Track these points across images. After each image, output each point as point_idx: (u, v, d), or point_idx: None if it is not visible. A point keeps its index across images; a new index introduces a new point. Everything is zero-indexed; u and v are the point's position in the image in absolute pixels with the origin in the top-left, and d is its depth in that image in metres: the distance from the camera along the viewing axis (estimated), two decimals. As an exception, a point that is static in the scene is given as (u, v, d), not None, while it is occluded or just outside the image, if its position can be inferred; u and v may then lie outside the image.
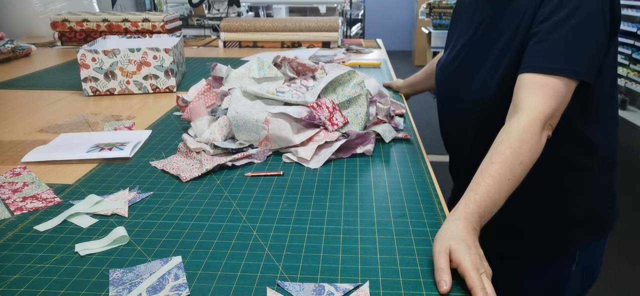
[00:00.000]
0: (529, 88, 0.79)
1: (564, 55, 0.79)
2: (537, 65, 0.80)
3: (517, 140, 0.73)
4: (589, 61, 0.80)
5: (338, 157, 0.97)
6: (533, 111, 0.76)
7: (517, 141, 0.73)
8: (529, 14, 0.85)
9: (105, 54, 1.40)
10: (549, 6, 0.82)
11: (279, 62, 1.22)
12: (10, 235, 0.70)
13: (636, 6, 4.32)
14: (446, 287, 0.55)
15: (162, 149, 1.02)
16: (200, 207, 0.78)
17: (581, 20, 0.79)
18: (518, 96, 0.80)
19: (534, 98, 0.77)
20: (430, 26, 5.49)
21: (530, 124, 0.75)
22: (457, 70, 1.00)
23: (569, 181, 0.94)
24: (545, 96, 0.77)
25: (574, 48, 0.79)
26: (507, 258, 1.04)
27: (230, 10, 2.79)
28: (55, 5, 2.70)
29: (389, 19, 8.30)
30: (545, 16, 0.82)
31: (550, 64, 0.79)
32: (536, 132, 0.75)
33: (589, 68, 0.80)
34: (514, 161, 0.72)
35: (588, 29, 0.79)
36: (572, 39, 0.79)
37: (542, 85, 0.78)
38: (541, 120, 0.76)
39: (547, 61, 0.79)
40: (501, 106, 0.84)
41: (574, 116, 0.86)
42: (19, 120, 1.23)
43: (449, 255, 0.59)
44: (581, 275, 1.00)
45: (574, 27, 0.79)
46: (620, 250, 2.41)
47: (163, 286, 0.58)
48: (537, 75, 0.79)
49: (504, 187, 0.70)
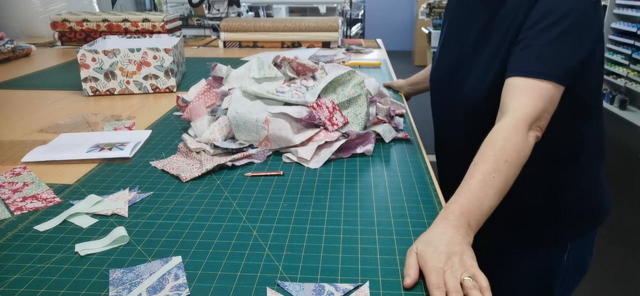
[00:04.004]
0: (514, 91, 0.80)
1: (550, 61, 0.80)
2: (523, 69, 0.81)
3: (500, 140, 0.74)
4: (570, 67, 0.81)
5: (338, 157, 0.97)
6: (517, 112, 0.77)
7: (501, 140, 0.74)
8: (519, 20, 0.86)
9: (105, 54, 1.40)
10: (537, 13, 0.83)
11: (279, 62, 1.22)
12: (10, 235, 0.70)
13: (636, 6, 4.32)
14: (410, 281, 0.58)
15: (162, 149, 1.02)
16: (200, 207, 0.78)
17: (567, 27, 0.80)
18: (504, 99, 0.81)
19: (519, 100, 0.79)
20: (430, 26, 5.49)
21: (514, 124, 0.76)
22: (450, 73, 1.01)
23: (559, 176, 0.96)
24: (530, 98, 0.78)
25: (560, 54, 0.80)
26: (499, 249, 1.06)
27: (230, 10, 2.79)
28: (55, 5, 2.70)
29: (389, 19, 8.30)
30: (533, 22, 0.83)
31: (536, 68, 0.80)
32: (521, 132, 0.75)
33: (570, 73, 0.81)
34: (498, 160, 0.72)
35: (574, 36, 0.81)
36: (557, 46, 0.80)
37: (527, 88, 0.79)
38: (526, 121, 0.76)
39: (534, 65, 0.80)
40: (491, 110, 0.85)
41: (563, 115, 0.87)
42: (19, 120, 1.23)
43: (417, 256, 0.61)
44: (572, 266, 1.02)
45: (559, 34, 0.81)
46: (620, 250, 2.41)
47: (163, 286, 0.58)
48: (523, 79, 0.80)
49: (489, 185, 0.70)
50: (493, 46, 0.91)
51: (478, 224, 0.68)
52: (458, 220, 0.65)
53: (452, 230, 0.63)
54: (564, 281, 1.03)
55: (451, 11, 1.06)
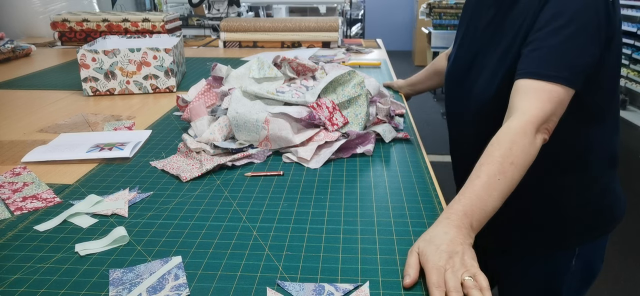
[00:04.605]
0: (523, 92, 0.80)
1: (558, 63, 0.79)
2: (532, 71, 0.80)
3: (507, 142, 0.74)
4: (580, 70, 0.80)
5: (338, 157, 0.97)
6: (525, 114, 0.77)
7: (508, 142, 0.74)
8: (528, 21, 0.86)
9: (105, 54, 1.40)
10: (546, 15, 0.83)
11: (279, 62, 1.22)
12: (10, 235, 0.70)
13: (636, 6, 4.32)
14: (409, 281, 0.58)
15: (162, 149, 1.02)
16: (200, 207, 0.78)
17: (576, 30, 0.80)
18: (513, 101, 0.81)
19: (527, 102, 0.78)
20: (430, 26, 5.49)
21: (522, 126, 0.75)
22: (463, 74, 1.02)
23: (564, 180, 0.95)
24: (538, 100, 0.78)
25: (568, 56, 0.80)
26: (504, 251, 1.06)
27: (230, 10, 2.79)
28: (55, 5, 2.70)
29: (389, 19, 8.30)
30: (542, 24, 0.83)
31: (545, 71, 0.79)
32: (528, 134, 0.75)
33: (580, 77, 0.81)
34: (504, 162, 0.72)
35: (582, 38, 0.80)
36: (566, 48, 0.80)
37: (536, 90, 0.79)
38: (533, 122, 0.76)
39: (542, 67, 0.80)
40: (500, 111, 0.84)
41: (571, 120, 0.87)
42: (19, 120, 1.23)
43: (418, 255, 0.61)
44: (581, 271, 1.01)
45: (568, 36, 0.80)
46: (620, 250, 2.41)
47: (163, 286, 0.58)
48: (532, 81, 0.80)
49: (493, 186, 0.69)
50: (503, 47, 0.90)
51: (480, 225, 0.68)
52: (461, 220, 0.65)
53: (454, 230, 0.63)
54: (572, 286, 1.02)
55: (469, 12, 1.06)
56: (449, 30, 5.25)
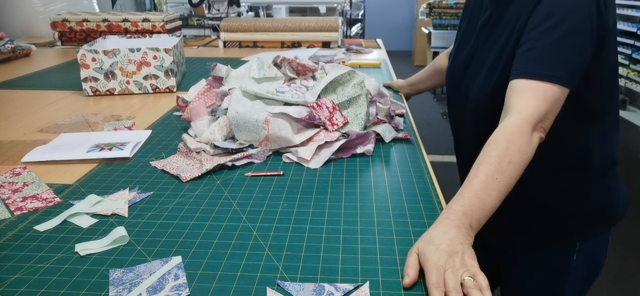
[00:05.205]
0: (518, 92, 0.80)
1: (553, 62, 0.80)
2: (527, 71, 0.81)
3: (504, 141, 0.74)
4: (574, 69, 0.81)
5: (338, 157, 0.97)
6: (521, 113, 0.77)
7: (504, 141, 0.74)
8: (522, 21, 0.86)
9: (105, 54, 1.40)
10: (539, 15, 0.83)
11: (279, 62, 1.22)
12: (10, 235, 0.70)
13: (636, 6, 4.32)
14: (408, 281, 0.58)
15: (162, 149, 1.02)
16: (200, 207, 0.78)
17: (569, 29, 0.80)
18: (508, 100, 0.81)
19: (523, 101, 0.78)
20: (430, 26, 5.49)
21: (518, 125, 0.75)
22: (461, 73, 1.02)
23: (566, 181, 0.95)
24: (534, 99, 0.78)
25: (562, 56, 0.80)
26: (507, 252, 1.06)
27: (230, 10, 2.79)
28: (55, 5, 2.70)
29: (389, 19, 8.30)
30: (535, 24, 0.83)
31: (540, 70, 0.80)
32: (524, 133, 0.75)
33: (575, 76, 0.81)
34: (502, 161, 0.72)
35: (575, 38, 0.80)
36: (560, 47, 0.80)
37: (531, 89, 0.79)
38: (529, 121, 0.76)
39: (537, 67, 0.80)
40: (496, 111, 0.85)
41: (571, 119, 0.87)
42: (19, 120, 1.23)
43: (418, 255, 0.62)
44: (583, 266, 1.01)
45: (562, 36, 0.80)
46: (620, 250, 2.41)
47: (163, 286, 0.58)
48: (527, 80, 0.80)
49: (491, 186, 0.70)
50: (499, 47, 0.91)
51: (479, 225, 0.68)
52: (460, 220, 0.65)
53: (454, 230, 0.63)
54: (575, 282, 1.02)
55: (468, 12, 1.06)
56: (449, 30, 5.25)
